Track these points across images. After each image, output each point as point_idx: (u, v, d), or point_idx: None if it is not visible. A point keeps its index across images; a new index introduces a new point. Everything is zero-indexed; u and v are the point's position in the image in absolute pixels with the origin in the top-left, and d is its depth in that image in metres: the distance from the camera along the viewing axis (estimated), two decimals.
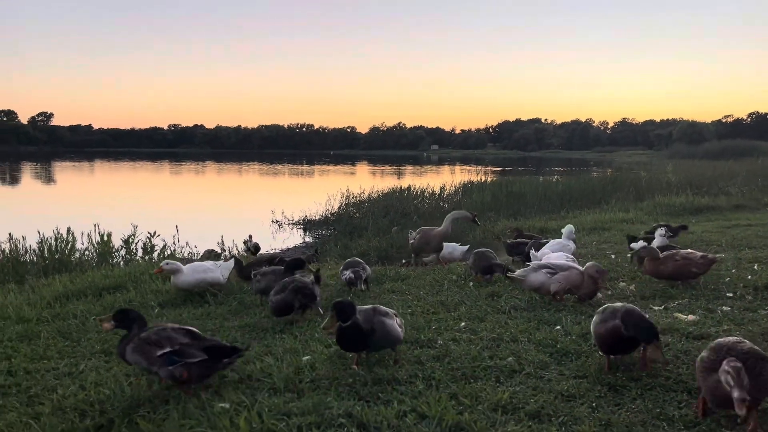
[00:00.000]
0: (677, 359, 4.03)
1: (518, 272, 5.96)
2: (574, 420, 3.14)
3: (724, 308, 5.31)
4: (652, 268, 6.24)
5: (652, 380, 3.67)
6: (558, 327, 4.83)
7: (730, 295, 5.80)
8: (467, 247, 9.32)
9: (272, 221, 20.61)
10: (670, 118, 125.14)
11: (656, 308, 5.40)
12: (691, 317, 5.02)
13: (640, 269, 6.71)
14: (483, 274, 6.66)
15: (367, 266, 6.80)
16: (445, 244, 9.30)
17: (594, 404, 3.35)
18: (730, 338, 3.23)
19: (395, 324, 4.16)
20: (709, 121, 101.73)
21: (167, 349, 3.61)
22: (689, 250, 6.40)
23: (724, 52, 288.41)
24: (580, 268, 5.75)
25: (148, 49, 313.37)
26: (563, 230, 7.96)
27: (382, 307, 4.27)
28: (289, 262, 6.16)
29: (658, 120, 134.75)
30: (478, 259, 6.79)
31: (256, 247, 11.86)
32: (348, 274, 6.49)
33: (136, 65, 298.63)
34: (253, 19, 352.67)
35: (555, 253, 7.08)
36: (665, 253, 6.32)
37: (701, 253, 6.27)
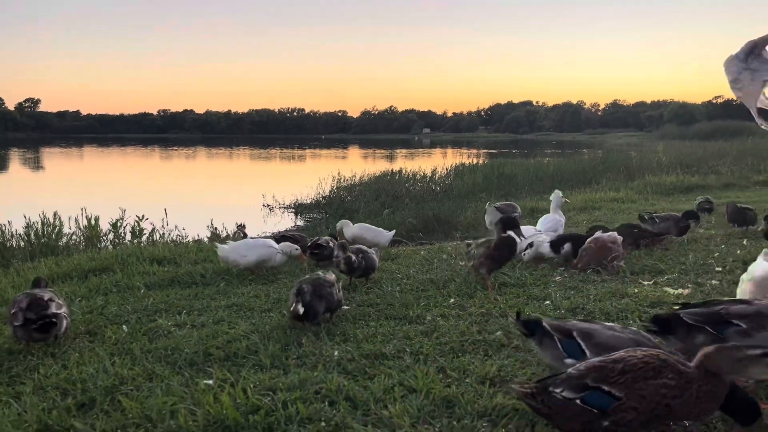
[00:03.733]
0: None
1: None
2: None
3: (713, 282, 5.31)
4: None
5: None
6: (548, 302, 4.81)
7: (719, 269, 5.79)
8: (393, 232, 8.50)
9: (263, 205, 20.49)
10: (661, 100, 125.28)
11: (646, 283, 5.38)
12: (680, 291, 5.01)
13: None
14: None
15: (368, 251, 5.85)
16: (367, 226, 8.46)
17: None
18: None
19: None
20: (699, 102, 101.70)
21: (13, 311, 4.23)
22: None
23: (715, 33, 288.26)
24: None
25: (136, 33, 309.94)
26: (551, 197, 7.86)
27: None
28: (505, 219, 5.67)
29: (649, 102, 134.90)
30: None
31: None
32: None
33: (125, 50, 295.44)
34: (242, 3, 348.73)
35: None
36: None
37: None
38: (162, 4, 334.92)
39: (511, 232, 5.42)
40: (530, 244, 6.36)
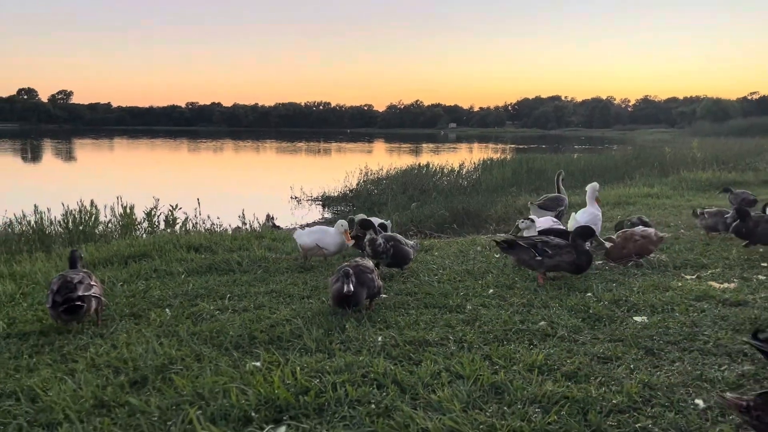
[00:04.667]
0: (715, 324, 3.94)
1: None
2: (613, 381, 3.08)
3: (760, 277, 5.20)
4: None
5: (691, 344, 3.59)
6: (589, 294, 4.76)
7: (765, 264, 5.67)
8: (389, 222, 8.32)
9: (291, 197, 20.64)
10: (693, 96, 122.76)
11: (689, 277, 5.29)
12: (726, 285, 4.92)
13: None
14: None
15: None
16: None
17: (632, 366, 3.28)
18: None
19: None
20: (734, 98, 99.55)
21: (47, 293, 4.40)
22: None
23: (750, 28, 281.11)
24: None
25: (166, 27, 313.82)
26: (587, 188, 7.69)
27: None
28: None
29: (681, 97, 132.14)
30: None
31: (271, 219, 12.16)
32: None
33: (154, 43, 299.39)
34: None
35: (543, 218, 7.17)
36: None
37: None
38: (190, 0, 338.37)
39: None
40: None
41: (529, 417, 2.73)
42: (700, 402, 2.84)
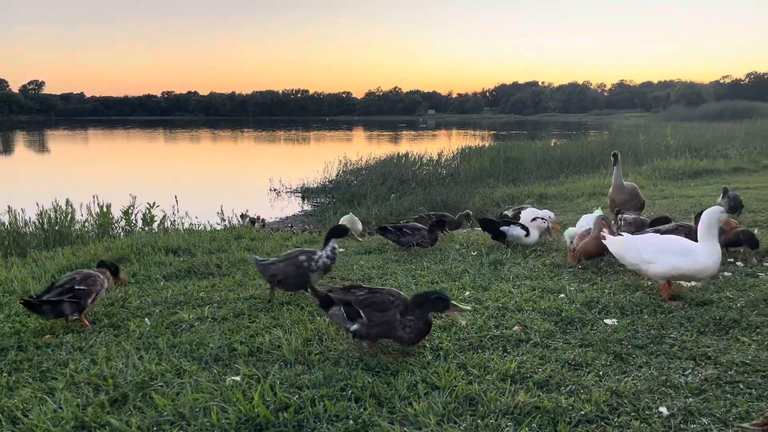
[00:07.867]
0: (681, 326, 4.08)
1: None
2: (582, 389, 3.19)
3: (726, 274, 5.36)
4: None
5: (657, 348, 3.72)
6: (562, 295, 4.88)
7: (731, 260, 5.84)
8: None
9: (270, 189, 20.60)
10: (667, 80, 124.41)
11: None
12: (693, 283, 5.06)
13: None
14: None
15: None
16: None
17: (601, 373, 3.39)
18: None
19: None
20: (707, 82, 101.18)
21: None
22: None
23: (723, 12, 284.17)
24: None
25: (139, 15, 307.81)
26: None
27: None
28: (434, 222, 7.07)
29: (655, 82, 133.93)
30: None
31: (256, 221, 12.04)
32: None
33: (128, 32, 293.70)
34: None
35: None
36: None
37: None
38: None
39: None
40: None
41: (501, 430, 2.82)
42: (664, 409, 2.96)
